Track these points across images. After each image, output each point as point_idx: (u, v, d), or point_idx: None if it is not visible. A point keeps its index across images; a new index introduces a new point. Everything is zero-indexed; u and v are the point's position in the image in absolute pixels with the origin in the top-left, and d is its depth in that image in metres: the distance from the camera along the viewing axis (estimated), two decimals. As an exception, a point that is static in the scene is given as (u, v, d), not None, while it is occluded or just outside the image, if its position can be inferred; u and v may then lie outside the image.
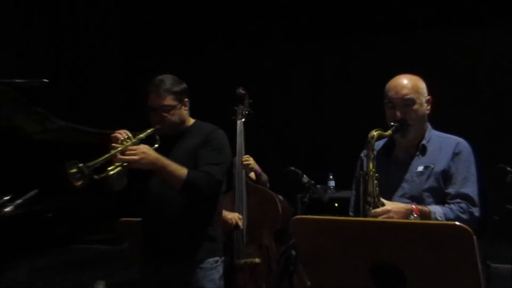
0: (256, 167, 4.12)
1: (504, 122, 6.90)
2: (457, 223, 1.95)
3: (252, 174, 4.17)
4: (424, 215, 2.54)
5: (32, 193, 4.18)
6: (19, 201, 4.19)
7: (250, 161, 4.08)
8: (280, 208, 4.10)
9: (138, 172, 3.01)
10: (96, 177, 2.78)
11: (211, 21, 8.52)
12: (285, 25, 8.28)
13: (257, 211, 4.03)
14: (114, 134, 2.96)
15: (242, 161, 4.02)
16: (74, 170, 2.72)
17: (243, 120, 4.11)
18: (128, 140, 2.94)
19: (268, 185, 4.26)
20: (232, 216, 3.89)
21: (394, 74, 2.80)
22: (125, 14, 9.58)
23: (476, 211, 2.61)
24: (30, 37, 8.56)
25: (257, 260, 3.98)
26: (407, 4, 7.21)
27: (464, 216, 2.56)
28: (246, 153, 4.09)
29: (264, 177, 4.24)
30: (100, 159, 2.81)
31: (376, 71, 3.12)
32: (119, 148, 2.88)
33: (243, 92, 4.15)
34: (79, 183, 2.72)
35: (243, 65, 8.09)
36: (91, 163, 2.75)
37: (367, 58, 7.64)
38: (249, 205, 4.01)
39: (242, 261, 3.93)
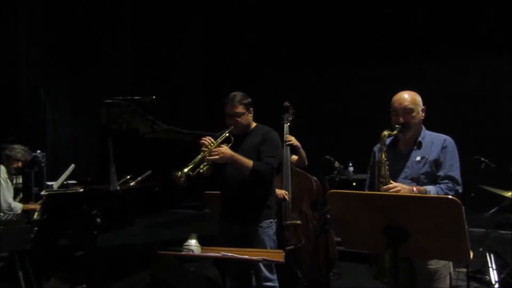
0: (297, 143, 3.99)
1: (481, 125, 6.98)
2: (449, 196, 1.88)
3: (294, 157, 4.06)
4: (421, 193, 2.43)
5: (147, 173, 4.28)
6: (138, 179, 4.29)
7: (292, 139, 3.97)
8: (314, 185, 4.04)
9: (220, 164, 3.06)
10: (191, 173, 2.88)
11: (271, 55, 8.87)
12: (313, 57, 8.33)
13: (298, 187, 3.98)
14: (202, 141, 3.02)
15: (285, 140, 3.91)
16: (178, 175, 2.83)
17: (289, 124, 4.06)
18: (212, 144, 3.00)
19: (306, 162, 4.03)
20: (280, 192, 3.84)
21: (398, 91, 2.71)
22: (206, 48, 9.78)
23: (460, 189, 2.50)
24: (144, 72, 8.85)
25: (298, 221, 3.92)
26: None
27: (451, 193, 2.45)
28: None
29: (303, 152, 4.01)
30: (194, 161, 2.90)
31: (384, 91, 3.07)
32: (206, 152, 2.95)
33: (288, 104, 4.11)
34: (182, 180, 2.84)
35: (288, 85, 8.27)
36: (187, 169, 2.84)
37: (377, 82, 7.67)
38: (293, 184, 3.95)
39: (288, 222, 3.88)
